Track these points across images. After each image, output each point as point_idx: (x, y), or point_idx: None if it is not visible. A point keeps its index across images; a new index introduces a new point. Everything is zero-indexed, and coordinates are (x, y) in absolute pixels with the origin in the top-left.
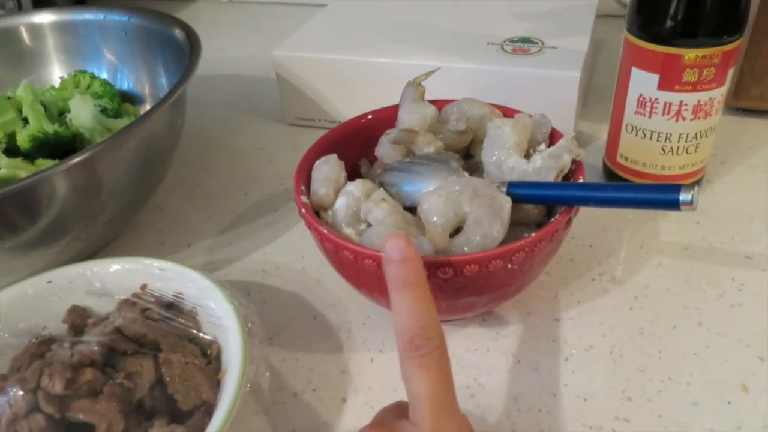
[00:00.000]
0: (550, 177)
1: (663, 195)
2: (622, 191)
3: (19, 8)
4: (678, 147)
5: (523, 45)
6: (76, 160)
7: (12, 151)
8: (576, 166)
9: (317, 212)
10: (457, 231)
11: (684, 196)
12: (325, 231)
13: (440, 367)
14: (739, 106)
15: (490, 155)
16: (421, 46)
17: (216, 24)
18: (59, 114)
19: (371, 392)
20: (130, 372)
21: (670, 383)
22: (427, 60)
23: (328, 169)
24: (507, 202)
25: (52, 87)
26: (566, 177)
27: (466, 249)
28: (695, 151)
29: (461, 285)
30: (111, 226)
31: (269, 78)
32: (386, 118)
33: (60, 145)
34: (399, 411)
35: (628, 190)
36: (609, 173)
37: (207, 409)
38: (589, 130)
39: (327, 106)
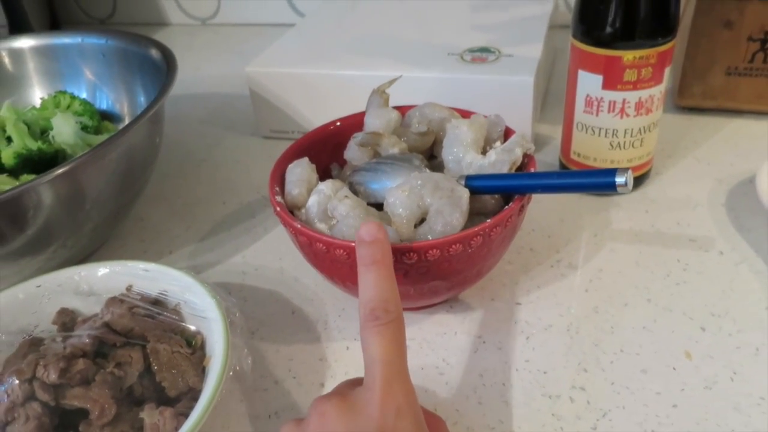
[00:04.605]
0: (504, 169)
1: (601, 179)
2: (567, 177)
3: None
4: (624, 142)
5: (481, 54)
6: (61, 170)
7: None
8: (528, 159)
9: (292, 211)
10: (421, 223)
11: (619, 179)
12: (299, 225)
13: (396, 337)
14: (683, 104)
15: (449, 153)
16: (386, 58)
17: (190, 46)
18: (41, 132)
19: (348, 376)
20: (119, 362)
21: (622, 354)
22: (392, 71)
23: (300, 171)
24: (465, 193)
25: (33, 107)
26: (520, 169)
27: (429, 237)
28: (641, 145)
29: (425, 269)
30: (96, 234)
31: (243, 95)
32: (353, 124)
33: (43, 162)
34: (354, 383)
35: (571, 177)
36: (564, 169)
37: (193, 395)
38: (546, 131)
39: (299, 118)
